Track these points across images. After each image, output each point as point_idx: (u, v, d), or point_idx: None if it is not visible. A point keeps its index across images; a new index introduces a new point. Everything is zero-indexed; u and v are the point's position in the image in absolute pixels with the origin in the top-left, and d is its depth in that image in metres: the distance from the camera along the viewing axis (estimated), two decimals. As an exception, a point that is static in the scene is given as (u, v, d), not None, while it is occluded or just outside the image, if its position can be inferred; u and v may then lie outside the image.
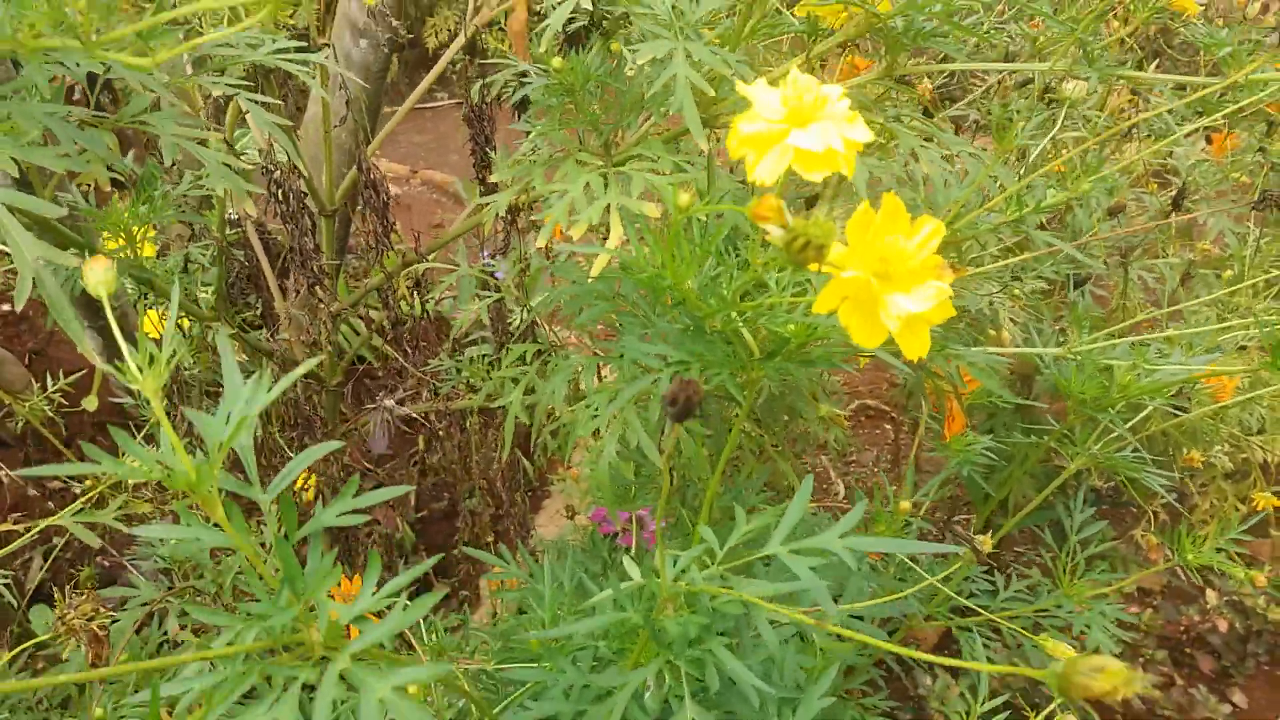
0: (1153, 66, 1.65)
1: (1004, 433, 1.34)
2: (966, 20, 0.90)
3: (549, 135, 0.89)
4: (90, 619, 0.74)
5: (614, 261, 0.83)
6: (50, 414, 1.53)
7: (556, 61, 0.87)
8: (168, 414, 1.12)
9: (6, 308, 2.51)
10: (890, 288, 0.54)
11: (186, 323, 1.42)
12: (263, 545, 0.52)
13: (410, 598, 0.51)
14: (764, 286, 0.72)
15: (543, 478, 2.27)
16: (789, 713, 0.61)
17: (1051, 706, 0.62)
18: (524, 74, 0.94)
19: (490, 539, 1.49)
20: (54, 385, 1.61)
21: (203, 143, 0.70)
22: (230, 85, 0.73)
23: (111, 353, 2.02)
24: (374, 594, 0.48)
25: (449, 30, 4.73)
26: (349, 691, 0.44)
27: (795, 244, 0.46)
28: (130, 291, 2.34)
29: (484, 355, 1.14)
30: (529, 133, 0.95)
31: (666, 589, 0.62)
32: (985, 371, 0.82)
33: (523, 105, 1.01)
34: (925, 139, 0.89)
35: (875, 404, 3.02)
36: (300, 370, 0.47)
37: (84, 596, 0.74)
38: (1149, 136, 1.87)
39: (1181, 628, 2.20)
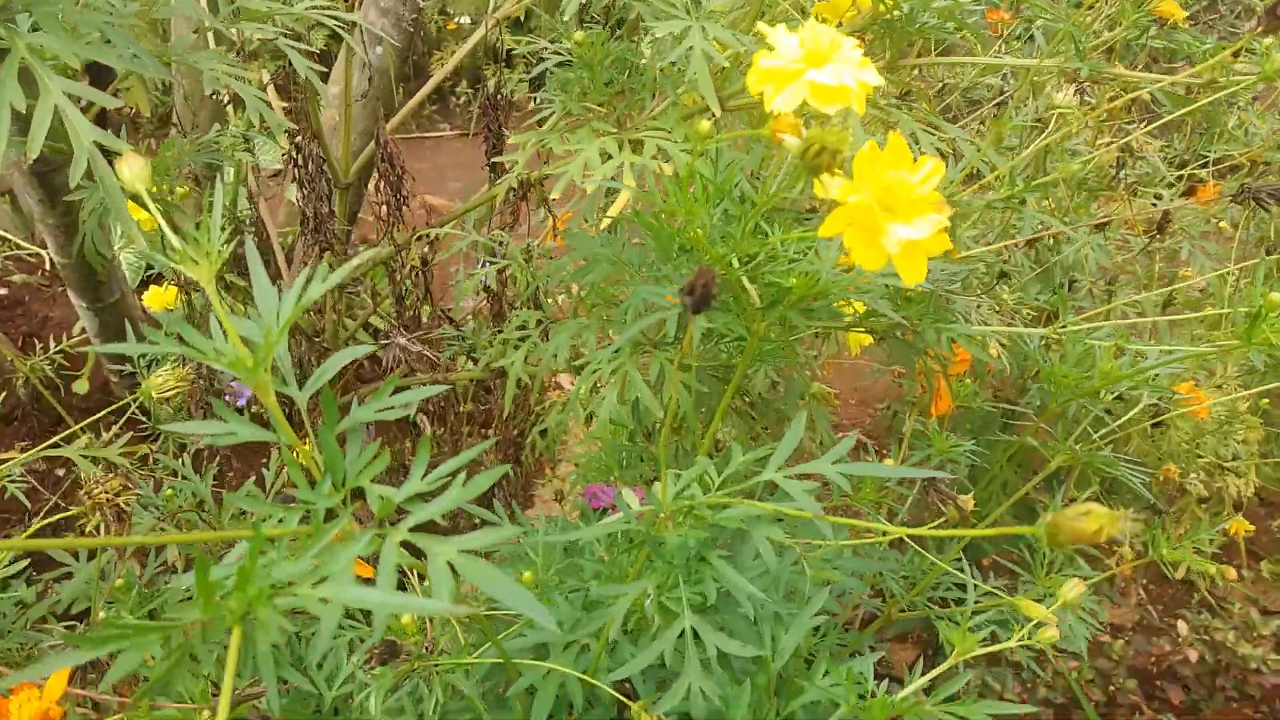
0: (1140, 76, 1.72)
1: (988, 437, 1.38)
2: (969, 19, 0.95)
3: (566, 106, 0.93)
4: (117, 494, 0.76)
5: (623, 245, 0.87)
6: (49, 378, 1.54)
7: (578, 36, 0.92)
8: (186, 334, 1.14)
9: (3, 292, 2.52)
10: (892, 217, 0.58)
11: (193, 295, 1.45)
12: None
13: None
14: (769, 244, 0.76)
15: (529, 483, 2.29)
16: (782, 629, 0.63)
17: (1028, 627, 0.65)
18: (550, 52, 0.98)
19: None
20: (50, 354, 1.62)
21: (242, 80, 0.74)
22: (272, 30, 0.77)
23: (107, 337, 2.04)
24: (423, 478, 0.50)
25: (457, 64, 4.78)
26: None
27: (811, 150, 0.50)
28: (129, 275, 2.36)
29: (484, 326, 1.17)
30: (542, 118, 0.99)
31: (667, 505, 0.64)
32: (974, 342, 0.86)
33: (539, 84, 1.05)
34: (926, 127, 0.93)
35: (860, 437, 3.06)
36: (358, 260, 0.50)
37: (112, 474, 0.76)
38: (1134, 184, 1.95)
39: (1152, 658, 2.22)
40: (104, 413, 0.94)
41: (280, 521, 0.49)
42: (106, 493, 0.76)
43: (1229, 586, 2.46)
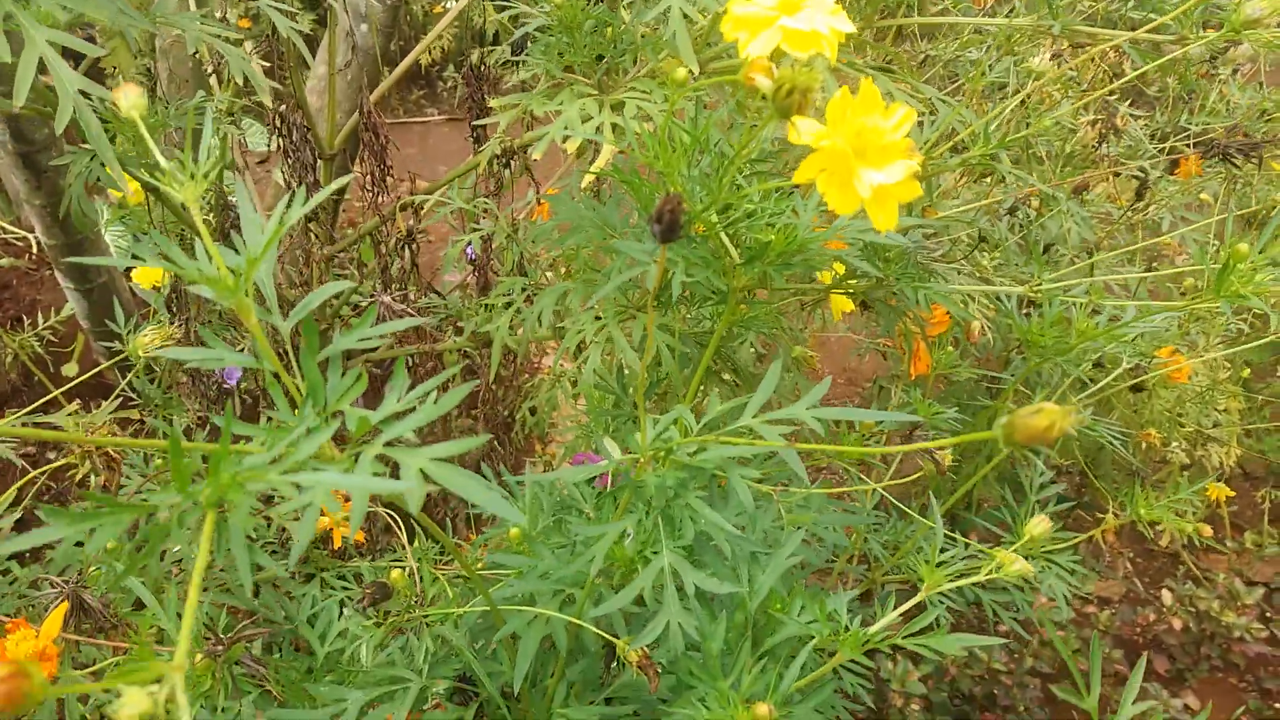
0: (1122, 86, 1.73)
1: (970, 403, 1.39)
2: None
3: (548, 69, 0.94)
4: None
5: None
6: (39, 355, 1.55)
7: (558, -2, 0.93)
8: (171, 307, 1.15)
9: (-9, 277, 2.52)
10: (864, 163, 0.59)
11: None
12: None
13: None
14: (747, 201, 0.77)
15: (519, 461, 2.30)
16: (759, 570, 0.65)
17: (996, 561, 0.66)
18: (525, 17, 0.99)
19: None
20: (39, 330, 1.63)
21: (230, 42, 0.75)
22: (253, -10, 0.78)
23: (96, 318, 2.04)
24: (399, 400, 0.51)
25: (441, 49, 4.79)
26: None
27: (782, 91, 0.51)
28: (117, 256, 2.36)
29: (469, 297, 1.18)
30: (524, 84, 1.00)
31: (646, 449, 0.66)
32: (952, 301, 0.88)
33: (520, 48, 1.06)
34: (903, 89, 0.94)
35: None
36: (334, 185, 0.51)
37: (101, 424, 0.77)
38: (1116, 159, 1.96)
39: (1137, 628, 2.25)
40: (87, 375, 0.95)
41: (263, 444, 0.50)
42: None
43: (1214, 557, 2.49)
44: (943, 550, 1.26)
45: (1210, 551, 2.48)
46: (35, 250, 2.57)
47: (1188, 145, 2.08)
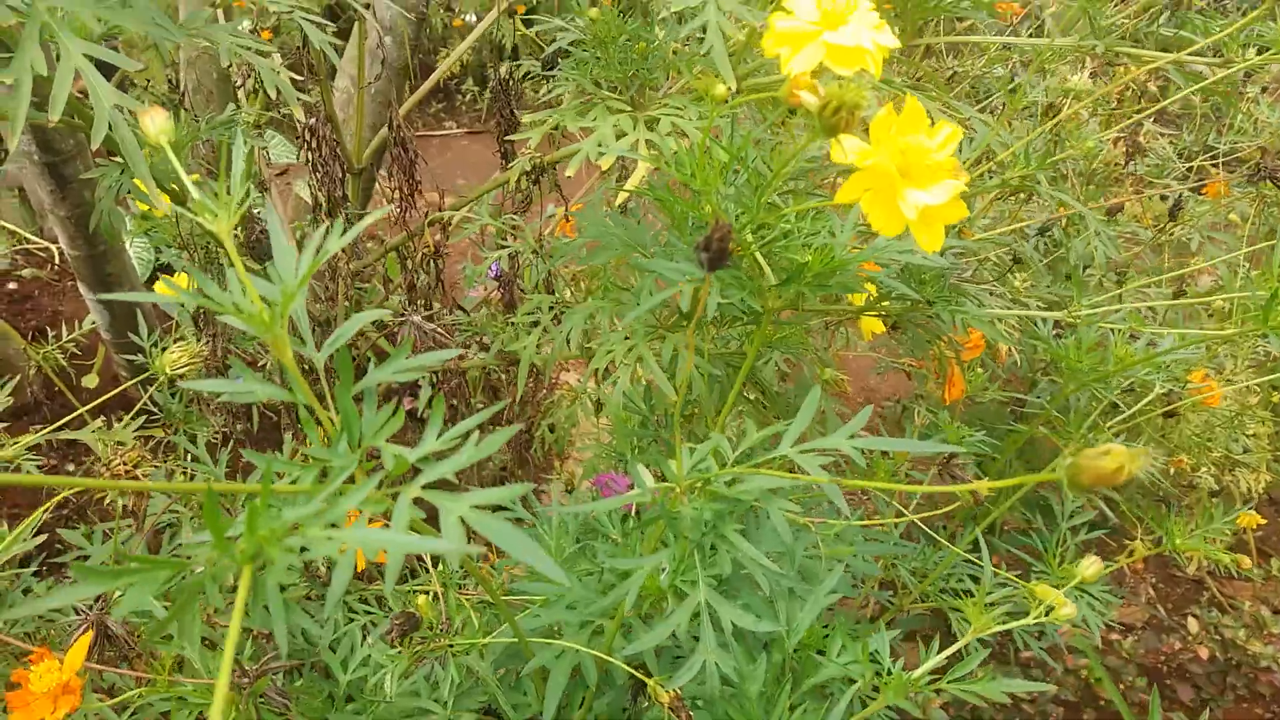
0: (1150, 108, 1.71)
1: (998, 427, 1.37)
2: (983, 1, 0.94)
3: (580, 83, 0.93)
4: (135, 466, 0.76)
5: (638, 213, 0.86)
6: (61, 368, 1.54)
7: (593, 11, 0.92)
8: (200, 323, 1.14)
9: (13, 286, 2.53)
10: (909, 183, 0.58)
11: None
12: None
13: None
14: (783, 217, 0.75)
15: (538, 478, 2.28)
16: (797, 606, 0.63)
17: (1043, 605, 0.64)
18: (559, 30, 0.98)
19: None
20: (62, 343, 1.62)
21: (260, 54, 0.74)
22: (288, 5, 0.77)
23: (118, 330, 2.04)
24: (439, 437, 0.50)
25: (461, 62, 4.80)
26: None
27: (829, 108, 0.50)
28: (139, 268, 2.37)
29: (495, 314, 1.17)
30: (556, 99, 0.99)
31: (682, 479, 0.64)
32: (989, 326, 0.86)
33: (552, 64, 1.04)
34: (941, 107, 0.93)
35: (866, 433, 3.05)
36: (367, 221, 0.49)
37: (130, 445, 0.76)
38: (1143, 178, 1.94)
39: (1162, 656, 2.21)
40: (113, 394, 0.94)
41: (295, 481, 0.49)
42: (125, 464, 0.75)
43: (1238, 584, 2.44)
44: (976, 580, 1.24)
45: (1235, 577, 2.44)
46: (58, 261, 2.57)
47: (1215, 164, 2.06)
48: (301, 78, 1.14)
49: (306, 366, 1.10)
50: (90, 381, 2.27)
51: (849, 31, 0.57)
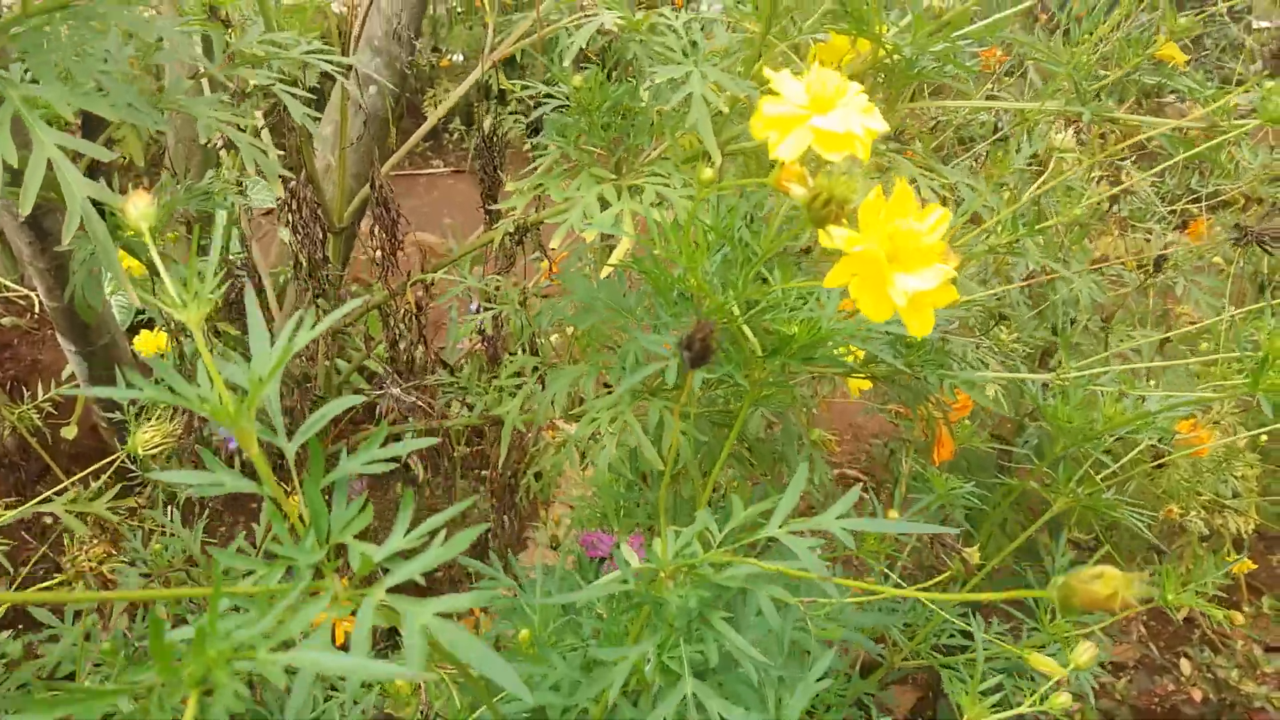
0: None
1: (986, 479, 1.36)
2: (967, 62, 0.94)
3: (565, 151, 0.92)
4: (101, 562, 0.74)
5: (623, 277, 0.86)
6: (36, 427, 1.52)
7: (576, 80, 0.91)
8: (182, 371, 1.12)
9: (-8, 334, 2.50)
10: (898, 267, 0.57)
11: (183, 340, 1.43)
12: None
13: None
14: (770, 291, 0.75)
15: (523, 525, 2.26)
16: (787, 693, 0.61)
17: (1042, 690, 0.63)
18: (544, 96, 0.98)
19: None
20: (39, 402, 1.59)
21: (238, 128, 0.73)
22: (268, 77, 0.76)
23: (95, 380, 2.01)
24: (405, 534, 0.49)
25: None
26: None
27: (818, 201, 0.49)
28: (120, 318, 2.35)
29: (480, 370, 1.16)
30: (539, 161, 0.99)
31: (667, 564, 0.63)
32: (976, 389, 0.85)
33: (537, 130, 1.04)
34: (924, 170, 0.93)
35: (854, 473, 3.05)
36: (348, 307, 0.48)
37: (96, 541, 0.74)
38: (1127, 219, 1.95)
39: (1155, 697, 2.19)
40: (92, 469, 0.92)
41: (260, 579, 0.47)
42: (90, 561, 0.74)
43: (1231, 623, 2.44)
44: (966, 636, 1.23)
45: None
46: (38, 309, 2.55)
47: (1196, 206, 2.07)
48: (286, 134, 1.13)
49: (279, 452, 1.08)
50: (69, 433, 2.24)
51: (838, 117, 0.57)
